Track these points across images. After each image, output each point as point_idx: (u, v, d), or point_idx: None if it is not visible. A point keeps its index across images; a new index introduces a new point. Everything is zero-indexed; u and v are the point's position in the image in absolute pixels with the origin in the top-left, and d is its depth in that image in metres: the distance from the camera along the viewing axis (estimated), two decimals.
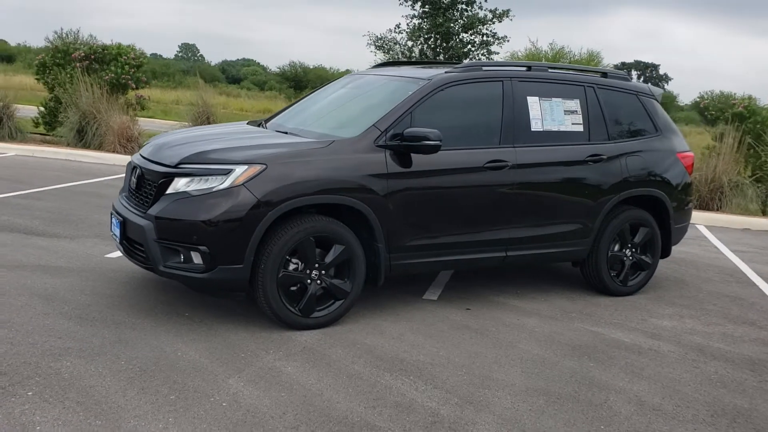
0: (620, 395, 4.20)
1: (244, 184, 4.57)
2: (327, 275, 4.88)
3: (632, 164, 6.07)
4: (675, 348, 5.05)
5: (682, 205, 6.46)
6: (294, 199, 4.66)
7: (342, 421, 3.66)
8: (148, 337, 4.57)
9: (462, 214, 5.34)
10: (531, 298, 6.01)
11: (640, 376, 4.51)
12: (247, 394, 3.87)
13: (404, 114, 5.13)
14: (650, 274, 6.39)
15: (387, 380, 4.18)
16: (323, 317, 4.90)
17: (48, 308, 4.92)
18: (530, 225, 5.64)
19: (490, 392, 4.13)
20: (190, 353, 4.36)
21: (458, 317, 5.37)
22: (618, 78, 6.33)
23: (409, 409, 3.84)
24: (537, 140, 5.65)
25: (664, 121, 6.43)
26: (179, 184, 4.71)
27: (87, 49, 15.34)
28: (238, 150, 4.83)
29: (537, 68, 5.93)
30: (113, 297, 5.27)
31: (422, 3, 16.37)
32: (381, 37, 16.97)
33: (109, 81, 14.59)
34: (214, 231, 4.54)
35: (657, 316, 5.78)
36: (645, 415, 3.98)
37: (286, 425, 3.57)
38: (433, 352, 4.67)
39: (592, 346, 4.99)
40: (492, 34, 16.52)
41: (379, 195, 4.94)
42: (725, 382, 4.50)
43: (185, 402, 3.73)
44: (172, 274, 4.69)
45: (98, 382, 3.88)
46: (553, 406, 4.00)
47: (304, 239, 4.73)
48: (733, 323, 5.73)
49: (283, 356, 4.42)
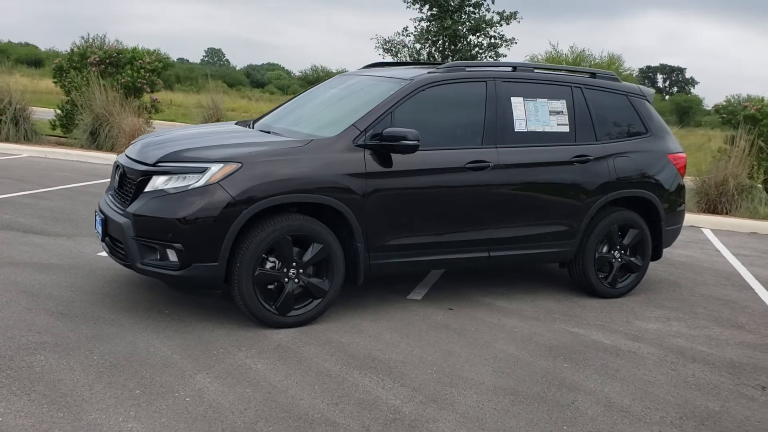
0: (589, 396, 4.18)
1: (219, 183, 4.62)
2: (305, 274, 4.91)
3: (620, 165, 6.02)
4: (655, 350, 5.01)
5: (673, 207, 6.40)
6: (269, 197, 4.70)
7: (302, 417, 3.68)
8: (124, 333, 4.63)
9: (443, 214, 5.34)
10: (517, 298, 5.99)
11: (614, 377, 4.48)
12: (213, 390, 3.91)
13: (384, 114, 5.15)
14: (640, 276, 6.33)
15: (355, 378, 4.20)
16: (301, 316, 4.93)
17: (32, 304, 5.01)
18: (513, 225, 5.62)
19: (456, 391, 4.12)
20: (163, 349, 4.42)
21: (439, 317, 5.37)
22: (607, 78, 6.30)
23: (372, 407, 3.85)
24: (520, 141, 5.63)
25: (655, 122, 6.37)
26: (157, 183, 4.77)
27: (102, 53, 15.58)
28: (215, 149, 4.88)
29: (522, 69, 5.91)
30: (98, 294, 5.35)
31: (430, 6, 16.38)
32: (389, 40, 17.01)
33: (124, 84, 14.80)
34: (189, 229, 4.59)
35: (643, 318, 5.73)
36: (611, 416, 3.95)
37: (245, 421, 3.60)
38: (406, 350, 4.68)
39: (570, 347, 4.96)
40: (500, 36, 16.48)
41: (357, 194, 4.96)
42: (700, 385, 4.45)
43: (149, 396, 3.78)
44: (149, 271, 4.75)
45: (67, 376, 3.94)
46: (518, 406, 3.99)
47: (280, 238, 4.77)
48: (721, 326, 5.66)
49: (255, 353, 4.45)
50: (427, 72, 5.54)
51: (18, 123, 13.86)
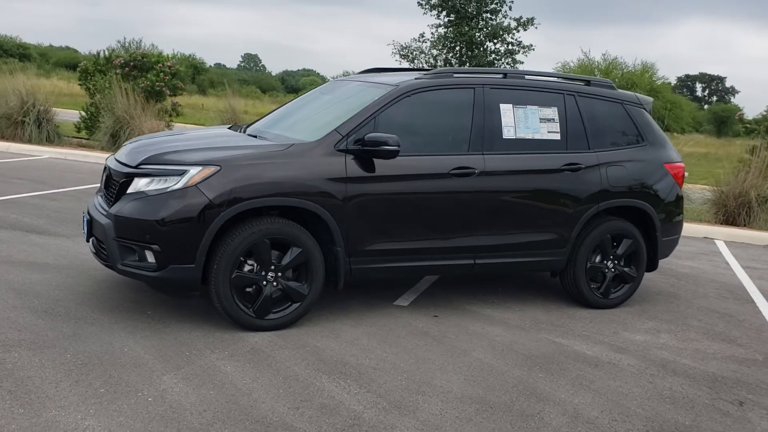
0: (558, 407, 4.12)
1: (197, 185, 4.66)
2: (283, 277, 4.93)
3: (614, 174, 5.94)
4: (637, 362, 4.92)
5: (670, 217, 6.29)
6: (247, 200, 4.73)
7: (259, 420, 3.69)
8: (102, 332, 4.69)
9: (426, 220, 5.32)
10: (506, 307, 5.94)
11: (588, 388, 4.41)
12: (177, 391, 3.94)
13: (367, 119, 5.15)
14: (634, 287, 6.23)
15: (322, 382, 4.19)
16: (279, 319, 4.95)
17: (18, 302, 5.10)
18: (500, 233, 5.57)
19: (422, 398, 4.10)
20: (137, 349, 4.46)
21: (422, 324, 5.35)
22: (602, 86, 6.22)
23: (333, 412, 3.84)
24: (509, 148, 5.59)
25: (651, 131, 6.28)
26: (139, 185, 4.83)
27: (127, 56, 15.86)
28: (195, 152, 4.93)
29: (513, 75, 5.87)
30: (85, 294, 5.43)
31: (447, 12, 16.36)
32: (406, 46, 17.02)
33: (144, 88, 15.03)
34: (166, 230, 4.64)
35: (632, 329, 5.63)
36: (575, 427, 3.89)
37: (202, 422, 3.62)
38: (381, 356, 4.67)
39: (549, 357, 4.90)
40: (517, 43, 16.38)
41: (337, 199, 4.97)
42: (675, 399, 4.37)
43: (113, 395, 3.82)
44: (129, 272, 4.81)
45: (37, 373, 4.00)
46: (482, 415, 3.95)
47: (258, 241, 4.79)
48: (711, 340, 5.55)
49: (227, 356, 4.48)
50: (414, 78, 5.53)
51: (41, 125, 14.15)
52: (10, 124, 14.11)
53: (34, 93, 14.44)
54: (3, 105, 14.21)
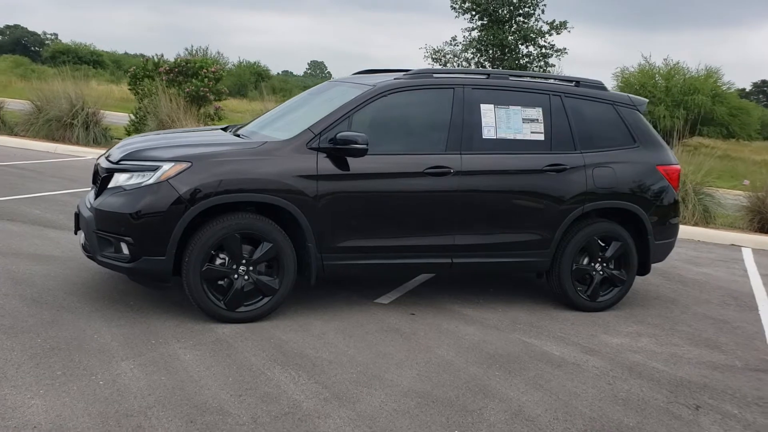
0: (502, 404, 4.13)
1: (168, 181, 4.85)
2: (255, 271, 5.07)
3: (601, 175, 5.87)
4: (603, 364, 4.86)
5: (663, 220, 6.16)
6: (216, 196, 4.89)
7: (198, 405, 3.82)
8: (80, 320, 4.92)
9: (400, 219, 5.38)
10: (489, 307, 5.93)
11: (541, 388, 4.39)
12: (129, 376, 4.11)
13: (341, 118, 5.25)
14: (624, 290, 6.13)
15: (273, 373, 4.31)
16: (250, 312, 5.09)
17: (12, 290, 5.39)
18: (478, 233, 5.58)
19: (367, 390, 4.16)
20: (106, 336, 4.67)
21: (395, 321, 5.41)
22: (592, 87, 6.15)
23: (272, 400, 3.95)
24: (488, 148, 5.60)
25: (644, 133, 6.17)
26: (119, 180, 5.05)
27: (173, 63, 16.40)
28: (170, 149, 5.12)
29: (496, 76, 5.88)
30: (77, 284, 5.68)
31: (480, 15, 16.30)
32: (438, 50, 17.02)
33: (188, 93, 15.51)
34: (139, 223, 4.84)
35: (612, 333, 5.56)
36: (512, 424, 3.89)
37: (142, 405, 3.78)
38: (341, 350, 4.75)
39: (514, 356, 4.89)
40: (550, 46, 16.19)
41: (308, 196, 5.08)
42: (629, 401, 4.31)
43: (67, 378, 4.02)
44: (107, 263, 5.03)
45: (4, 355, 4.24)
46: (421, 408, 3.99)
47: (228, 235, 4.94)
48: (694, 345, 5.42)
49: (191, 345, 4.64)
50: (393, 78, 5.60)
51: (88, 127, 14.75)
52: (59, 126, 14.76)
53: (83, 96, 15.05)
54: (54, 108, 14.87)
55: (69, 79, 15.42)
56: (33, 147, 14.26)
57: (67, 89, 15.03)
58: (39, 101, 15.36)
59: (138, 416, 3.66)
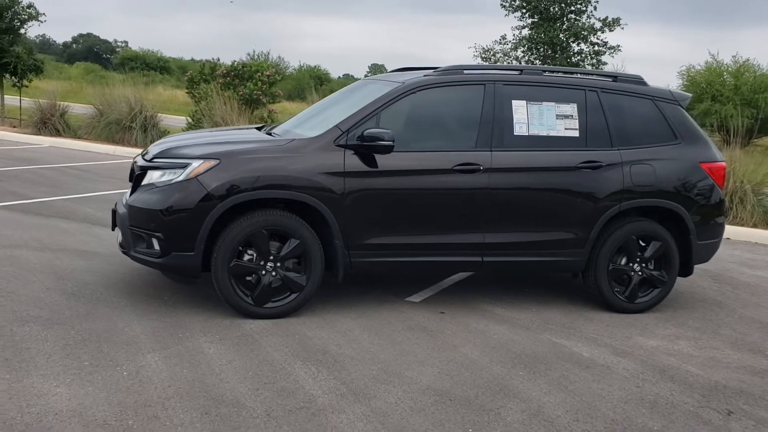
0: (522, 404, 4.05)
1: (197, 178, 4.94)
2: (282, 268, 5.11)
3: (639, 173, 5.70)
4: (634, 367, 4.72)
5: (707, 220, 5.95)
6: (243, 192, 4.95)
7: (215, 398, 3.87)
8: (113, 313, 5.05)
9: (428, 216, 5.34)
10: (522, 307, 5.83)
11: (565, 389, 4.29)
12: (153, 368, 4.20)
13: (369, 115, 5.25)
14: (665, 292, 5.93)
15: (294, 368, 4.33)
16: (277, 308, 5.13)
17: (54, 284, 5.57)
18: (509, 231, 5.50)
19: (385, 387, 4.15)
20: (136, 329, 4.78)
21: (424, 319, 5.37)
22: (631, 82, 5.98)
23: (289, 395, 3.97)
24: (520, 145, 5.51)
25: (686, 128, 5.97)
26: (152, 177, 5.18)
27: (229, 66, 16.72)
28: (200, 147, 5.22)
29: (529, 72, 5.78)
30: (115, 279, 5.84)
31: (531, 13, 16.06)
32: (488, 49, 16.85)
33: (242, 96, 15.79)
34: (169, 219, 4.94)
35: (648, 335, 5.39)
36: (530, 424, 3.81)
37: (161, 396, 3.85)
38: (365, 347, 4.75)
39: (541, 356, 4.79)
40: (603, 44, 15.82)
41: (335, 192, 5.10)
42: (656, 404, 4.17)
43: (93, 368, 4.13)
44: (140, 258, 5.16)
45: (37, 346, 4.39)
46: (437, 406, 3.95)
47: (256, 232, 5.00)
48: (735, 349, 5.22)
49: (216, 340, 4.71)
50: (423, 75, 5.57)
51: (146, 130, 15.16)
52: (119, 129, 15.22)
53: (142, 100, 15.49)
54: (114, 112, 15.35)
55: (129, 84, 15.90)
56: (94, 149, 14.74)
57: (127, 94, 15.50)
58: (101, 105, 15.89)
59: (155, 406, 3.73)
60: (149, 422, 3.57)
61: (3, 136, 16.21)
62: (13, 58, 18.04)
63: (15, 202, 8.67)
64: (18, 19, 18.76)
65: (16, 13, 18.71)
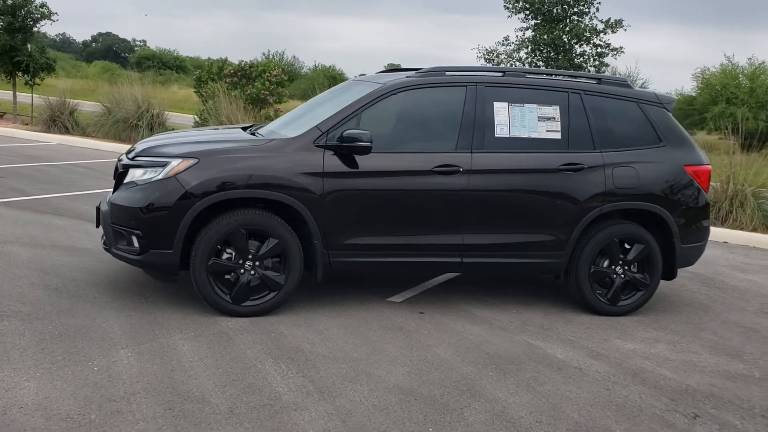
0: (486, 404, 4.06)
1: (176, 176, 5.00)
2: (261, 267, 5.15)
3: (621, 175, 5.69)
4: (606, 369, 4.72)
5: (691, 223, 5.93)
6: (221, 192, 5.00)
7: (181, 394, 3.92)
8: (94, 309, 5.11)
9: (408, 217, 5.36)
10: (504, 309, 5.84)
11: (533, 390, 4.30)
12: (124, 363, 4.25)
13: (349, 116, 5.28)
14: (648, 295, 5.92)
15: (264, 366, 4.37)
16: (256, 306, 5.17)
17: (39, 280, 5.65)
18: (488, 232, 5.51)
19: (352, 386, 4.18)
20: (113, 326, 4.84)
21: (402, 319, 5.39)
22: (615, 84, 5.98)
23: (255, 392, 4.01)
24: (501, 146, 5.52)
25: (671, 131, 5.95)
26: (134, 175, 5.24)
27: (236, 66, 16.83)
28: (180, 146, 5.28)
29: (512, 74, 5.78)
30: (102, 276, 5.91)
31: (534, 15, 16.02)
32: (491, 50, 16.83)
33: (249, 95, 15.89)
34: (147, 217, 5.00)
35: (627, 338, 5.38)
36: (491, 425, 3.83)
37: (127, 391, 3.90)
38: (338, 346, 4.78)
39: (514, 357, 4.80)
40: (606, 45, 15.75)
41: (314, 193, 5.13)
42: (623, 407, 4.16)
43: (64, 363, 4.19)
44: (120, 256, 5.22)
45: (13, 340, 4.46)
46: (401, 405, 3.97)
47: (234, 230, 5.05)
48: (713, 353, 5.20)
49: (191, 337, 4.76)
50: (405, 76, 5.60)
51: (153, 128, 15.29)
52: (126, 127, 15.37)
53: (149, 99, 15.62)
54: (122, 110, 15.50)
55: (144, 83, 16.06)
56: (100, 147, 14.89)
57: (135, 92, 15.64)
58: (109, 103, 16.06)
59: (120, 401, 3.78)
60: (112, 417, 3.62)
61: (13, 133, 16.43)
62: (25, 57, 18.27)
63: (13, 199, 8.80)
64: (31, 18, 18.99)
65: (29, 12, 18.94)
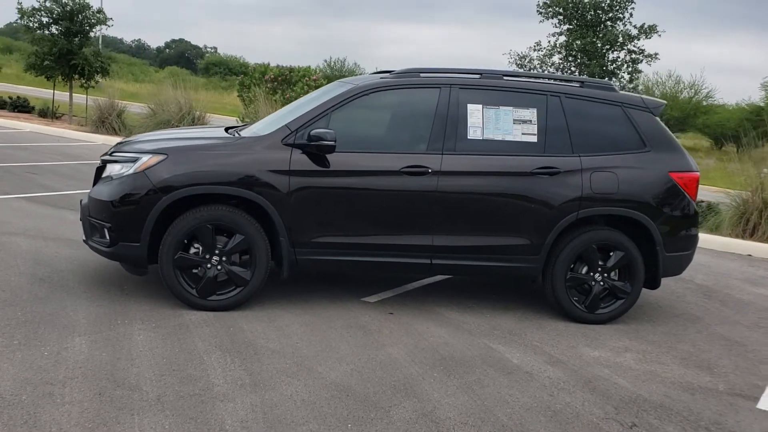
0: (418, 404, 4.05)
1: (144, 171, 5.15)
2: (227, 262, 5.25)
3: (599, 180, 5.57)
4: (559, 376, 4.63)
5: (676, 231, 5.75)
6: (187, 187, 5.12)
7: (117, 381, 4.03)
8: (68, 298, 5.30)
9: (374, 217, 5.38)
10: (477, 313, 5.79)
11: (471, 393, 4.26)
12: (76, 351, 4.40)
13: (319, 116, 5.34)
14: (628, 303, 5.77)
15: (210, 358, 4.45)
16: (222, 301, 5.27)
17: (28, 269, 5.89)
18: (458, 234, 5.47)
19: (288, 380, 4.22)
20: (80, 314, 5.01)
21: (367, 319, 5.41)
22: (598, 88, 5.85)
23: (191, 382, 4.09)
24: (473, 149, 5.48)
25: (657, 136, 5.79)
26: (112, 170, 5.42)
27: (277, 71, 17.15)
28: (152, 142, 5.43)
29: (489, 75, 5.73)
30: (90, 268, 6.11)
31: (567, 20, 15.72)
32: (523, 55, 16.60)
33: (288, 99, 16.15)
34: (117, 211, 5.17)
35: (596, 346, 5.26)
36: (414, 424, 3.81)
37: (66, 376, 4.03)
38: (292, 342, 4.83)
39: (466, 360, 4.76)
40: (640, 51, 15.33)
41: (280, 190, 5.21)
42: (559, 413, 4.08)
43: (19, 347, 4.36)
44: (93, 247, 5.40)
45: None
46: (329, 401, 3.99)
47: (201, 226, 5.16)
48: (683, 366, 5.03)
49: (151, 328, 4.88)
50: (379, 78, 5.62)
51: None
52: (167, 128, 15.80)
53: (191, 101, 16.05)
54: (165, 112, 15.97)
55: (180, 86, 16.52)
56: None
57: (177, 95, 16.09)
58: (154, 105, 16.56)
59: (56, 385, 3.92)
60: (41, 399, 3.75)
61: (63, 133, 17.12)
62: (81, 60, 19.01)
63: (38, 194, 9.18)
64: (87, 23, 19.76)
65: (86, 18, 19.72)
